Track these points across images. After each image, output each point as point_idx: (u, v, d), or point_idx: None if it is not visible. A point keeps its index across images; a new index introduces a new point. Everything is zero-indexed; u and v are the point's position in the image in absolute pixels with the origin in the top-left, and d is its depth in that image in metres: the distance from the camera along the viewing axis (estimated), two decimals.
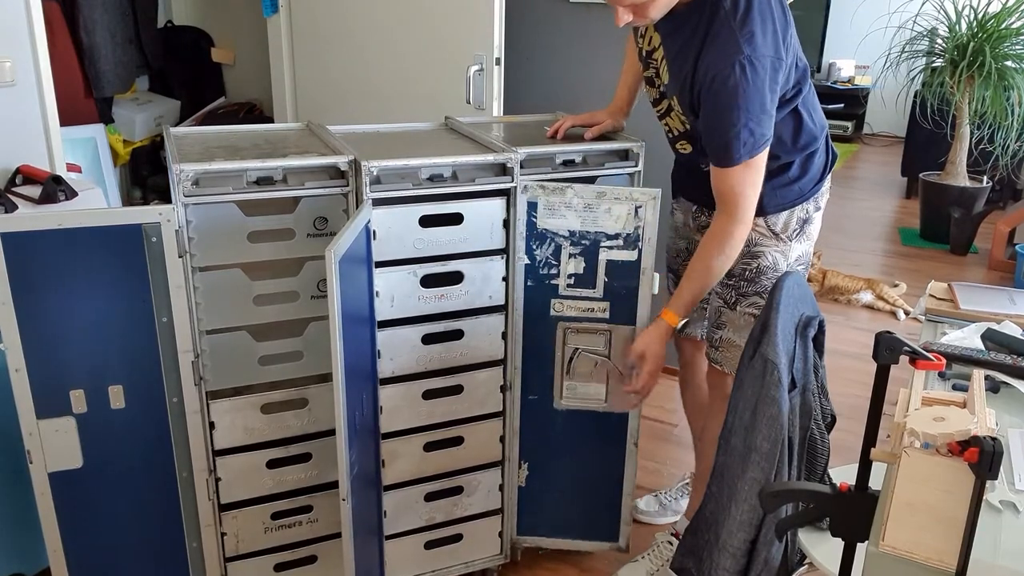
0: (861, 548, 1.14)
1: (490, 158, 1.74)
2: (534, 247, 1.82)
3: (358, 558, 1.57)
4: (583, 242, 1.82)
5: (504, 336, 1.86)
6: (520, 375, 1.91)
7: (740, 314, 1.86)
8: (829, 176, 1.87)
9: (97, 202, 2.58)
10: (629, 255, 1.82)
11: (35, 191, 2.42)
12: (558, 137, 1.92)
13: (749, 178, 1.64)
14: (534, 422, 1.96)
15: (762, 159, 1.63)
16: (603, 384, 1.92)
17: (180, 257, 1.55)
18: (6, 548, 1.87)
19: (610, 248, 1.81)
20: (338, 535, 1.51)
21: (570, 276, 1.84)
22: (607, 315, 1.86)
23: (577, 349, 1.88)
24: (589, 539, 2.11)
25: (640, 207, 1.79)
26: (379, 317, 1.73)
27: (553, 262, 1.83)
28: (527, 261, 1.83)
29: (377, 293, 1.71)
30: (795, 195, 1.81)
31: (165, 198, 1.55)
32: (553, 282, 1.85)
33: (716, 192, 1.67)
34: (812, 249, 1.91)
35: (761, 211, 1.78)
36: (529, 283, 1.84)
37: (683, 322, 1.75)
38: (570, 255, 1.82)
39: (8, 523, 1.85)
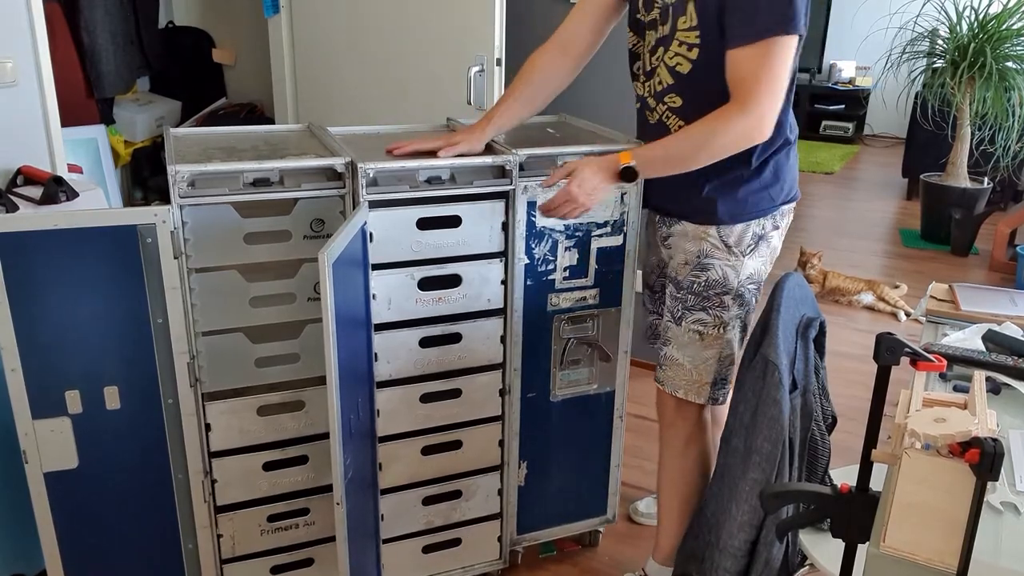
0: (862, 549, 1.13)
1: (488, 160, 1.73)
2: (532, 246, 1.81)
3: (354, 562, 1.56)
4: (577, 234, 1.85)
5: (503, 339, 1.85)
6: (520, 376, 1.90)
7: (684, 330, 1.77)
8: (793, 204, 1.79)
9: (98, 203, 2.57)
10: (616, 240, 1.90)
11: (36, 192, 2.41)
12: (394, 154, 1.71)
13: (769, 63, 1.49)
14: (532, 419, 1.95)
15: (789, 50, 1.50)
16: (590, 366, 1.98)
17: (176, 258, 1.55)
18: (6, 549, 1.86)
19: (600, 236, 1.87)
20: (335, 538, 1.50)
21: (565, 269, 1.87)
22: (597, 301, 1.93)
23: (570, 339, 1.92)
24: (581, 519, 2.12)
25: (625, 193, 1.86)
26: (376, 320, 1.72)
27: (550, 258, 1.84)
28: (526, 261, 1.82)
29: (374, 296, 1.70)
30: (767, 203, 1.72)
31: (166, 199, 1.55)
32: (550, 278, 1.86)
33: (730, 80, 1.53)
34: (768, 269, 1.80)
35: (715, 220, 1.71)
36: (528, 282, 1.84)
37: (626, 167, 1.58)
38: (565, 248, 1.85)
39: (8, 523, 1.84)
